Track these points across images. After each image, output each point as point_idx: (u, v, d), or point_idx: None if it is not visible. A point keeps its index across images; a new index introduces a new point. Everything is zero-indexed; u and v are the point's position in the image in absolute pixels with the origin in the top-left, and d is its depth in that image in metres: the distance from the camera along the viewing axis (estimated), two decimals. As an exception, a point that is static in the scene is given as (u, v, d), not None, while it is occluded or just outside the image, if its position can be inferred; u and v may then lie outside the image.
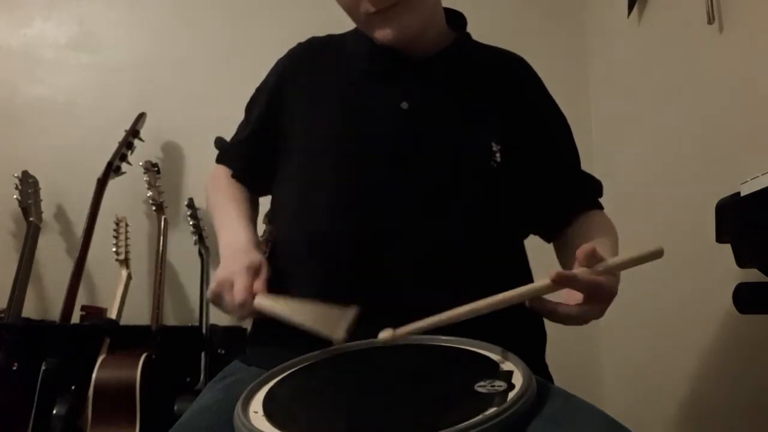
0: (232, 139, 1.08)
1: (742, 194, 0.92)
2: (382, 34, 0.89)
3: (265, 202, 1.08)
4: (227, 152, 1.08)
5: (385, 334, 0.70)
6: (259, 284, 0.80)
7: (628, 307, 1.84)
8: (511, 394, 0.57)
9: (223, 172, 1.06)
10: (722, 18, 1.33)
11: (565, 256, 0.96)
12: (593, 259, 0.69)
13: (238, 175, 1.04)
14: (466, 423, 0.51)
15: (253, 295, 0.79)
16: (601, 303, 0.71)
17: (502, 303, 0.68)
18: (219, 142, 1.09)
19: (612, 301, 0.73)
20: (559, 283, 0.66)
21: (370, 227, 0.86)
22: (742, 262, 0.99)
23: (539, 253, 1.03)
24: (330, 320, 0.72)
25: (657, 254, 0.70)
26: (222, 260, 0.87)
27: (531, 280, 0.96)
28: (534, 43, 1.47)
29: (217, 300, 0.83)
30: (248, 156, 1.03)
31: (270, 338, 0.91)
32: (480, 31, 1.06)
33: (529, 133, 0.95)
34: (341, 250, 0.86)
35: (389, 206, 0.86)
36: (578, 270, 0.69)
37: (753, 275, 1.01)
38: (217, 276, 0.83)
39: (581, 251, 0.69)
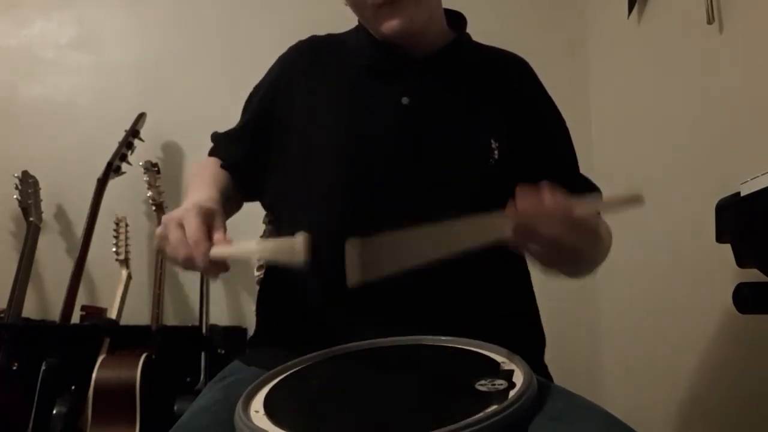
0: (226, 131, 1.06)
1: (742, 194, 0.92)
2: (390, 25, 0.89)
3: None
4: (219, 143, 1.05)
5: (352, 249, 0.64)
6: (217, 234, 0.74)
7: (628, 307, 1.84)
8: (512, 393, 0.57)
9: (213, 162, 1.02)
10: (722, 18, 1.33)
11: None
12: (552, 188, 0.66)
13: (227, 166, 1.01)
14: (466, 421, 0.51)
15: (209, 240, 0.73)
16: (560, 222, 0.67)
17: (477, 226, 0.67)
18: (214, 136, 1.08)
19: (591, 231, 0.70)
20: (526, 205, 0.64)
21: (371, 222, 0.86)
22: (742, 262, 0.99)
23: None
24: (285, 245, 0.67)
25: (636, 199, 0.67)
26: None
27: (529, 278, 0.96)
28: (534, 43, 1.47)
29: (163, 243, 0.76)
30: (240, 149, 1.00)
31: (271, 339, 0.91)
32: (480, 31, 1.06)
33: (528, 132, 0.96)
34: (341, 245, 0.86)
35: (389, 200, 0.87)
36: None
37: (753, 275, 1.01)
38: (163, 217, 0.78)
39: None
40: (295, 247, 0.65)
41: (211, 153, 1.05)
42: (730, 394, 1.34)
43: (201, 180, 0.95)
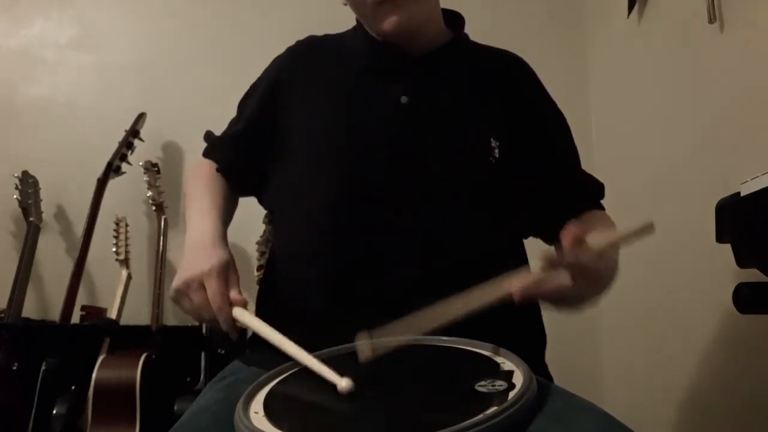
0: (222, 133, 1.06)
1: (742, 194, 0.92)
2: (389, 22, 0.89)
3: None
4: (215, 146, 1.05)
5: (363, 346, 0.66)
6: (235, 294, 0.79)
7: (628, 308, 1.84)
8: (512, 394, 0.57)
9: (208, 165, 1.03)
10: (723, 17, 1.33)
11: None
12: (579, 239, 0.66)
13: (223, 170, 1.02)
14: (466, 422, 0.51)
15: (229, 303, 0.78)
16: (591, 287, 0.70)
17: (485, 296, 0.66)
18: (208, 136, 1.07)
19: (603, 282, 0.71)
20: (546, 265, 0.65)
21: (370, 222, 0.86)
22: (742, 262, 0.99)
23: (538, 249, 1.02)
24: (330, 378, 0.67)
25: (647, 229, 0.68)
26: (186, 255, 0.84)
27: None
28: (534, 43, 1.47)
29: (182, 299, 0.80)
30: (237, 151, 1.01)
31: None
32: (480, 30, 1.06)
33: (528, 131, 0.96)
34: (342, 245, 0.86)
35: (389, 200, 0.87)
36: (560, 255, 0.66)
37: (753, 275, 1.01)
38: (182, 274, 0.80)
39: (567, 233, 0.66)
40: (336, 384, 0.65)
41: (206, 154, 1.05)
42: (730, 394, 1.34)
43: (200, 196, 0.96)
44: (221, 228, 0.90)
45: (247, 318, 0.78)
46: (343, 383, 0.63)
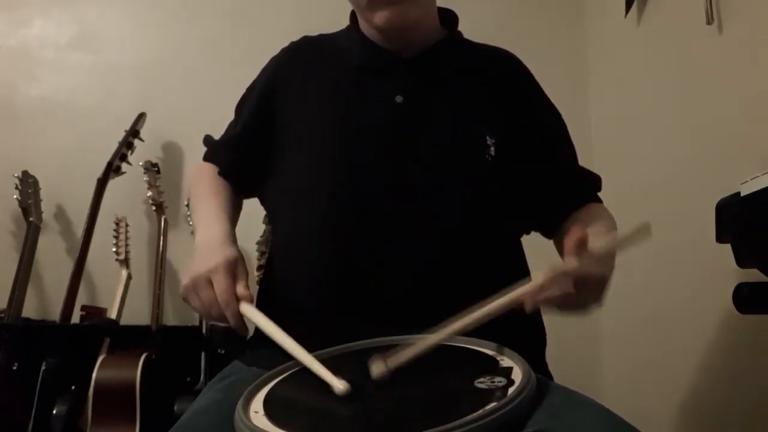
0: (221, 137, 1.07)
1: (742, 194, 0.92)
2: (382, 16, 0.89)
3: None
4: (215, 150, 1.06)
5: (377, 369, 0.65)
6: (242, 289, 0.79)
7: (628, 308, 1.84)
8: (511, 390, 0.57)
9: (209, 168, 1.04)
10: (721, 18, 1.33)
11: (560, 250, 0.97)
12: (582, 246, 0.68)
13: (224, 173, 1.02)
14: (466, 418, 0.52)
15: (237, 298, 0.78)
16: (594, 291, 0.71)
17: (495, 310, 0.67)
18: (207, 140, 1.08)
19: (606, 285, 0.72)
20: (551, 281, 0.66)
21: (368, 221, 0.86)
22: (742, 262, 0.99)
23: (537, 248, 1.03)
24: (327, 378, 0.67)
25: (644, 231, 0.70)
26: (196, 254, 0.85)
27: (527, 274, 0.96)
28: (533, 43, 1.47)
29: (191, 297, 0.80)
30: (237, 154, 1.01)
31: (271, 340, 0.91)
32: (479, 30, 1.06)
33: (524, 128, 0.96)
34: (339, 245, 0.86)
35: (386, 199, 0.87)
36: (564, 265, 0.68)
37: (753, 275, 1.01)
38: (191, 271, 0.80)
39: (570, 240, 0.68)
40: (332, 385, 0.65)
41: (207, 158, 1.06)
42: (730, 393, 1.34)
43: (206, 200, 0.97)
44: (230, 229, 0.91)
45: (254, 314, 0.78)
46: (339, 386, 0.63)
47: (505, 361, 0.65)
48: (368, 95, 0.93)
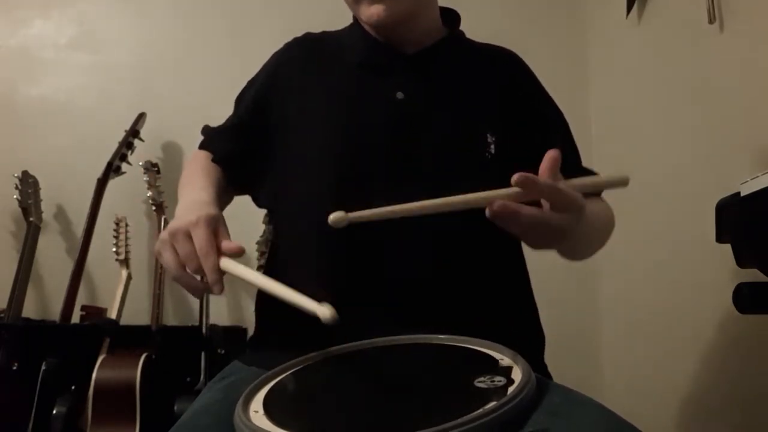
0: (218, 126, 1.06)
1: (742, 194, 0.92)
2: (375, 10, 0.89)
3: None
4: (211, 138, 1.05)
5: (336, 215, 0.65)
6: (228, 243, 0.74)
7: (628, 308, 1.84)
8: (511, 389, 0.57)
9: (204, 155, 1.03)
10: (723, 17, 1.33)
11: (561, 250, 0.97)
12: (555, 165, 0.68)
13: (218, 160, 1.01)
14: (466, 417, 0.52)
15: (218, 252, 0.73)
16: (564, 211, 0.68)
17: (463, 203, 0.68)
18: (205, 129, 1.08)
19: (577, 212, 0.70)
20: (520, 184, 0.65)
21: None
22: (742, 262, 0.99)
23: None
24: (310, 307, 0.66)
25: (622, 182, 0.72)
26: (176, 214, 0.81)
27: (526, 274, 0.96)
28: (534, 43, 1.47)
29: (165, 251, 0.74)
30: (231, 144, 1.00)
31: (271, 339, 0.91)
32: (480, 30, 1.06)
33: (525, 125, 0.96)
34: (340, 242, 0.86)
35: (386, 196, 0.87)
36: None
37: (753, 275, 1.01)
38: (169, 226, 0.76)
39: (545, 160, 0.68)
40: (317, 312, 0.64)
41: (202, 146, 1.05)
42: (729, 393, 1.34)
43: (195, 176, 0.95)
44: (214, 196, 0.87)
45: (234, 267, 0.72)
46: (325, 312, 0.63)
47: (505, 361, 0.65)
48: (369, 92, 0.93)
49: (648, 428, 1.69)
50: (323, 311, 0.63)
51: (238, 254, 0.74)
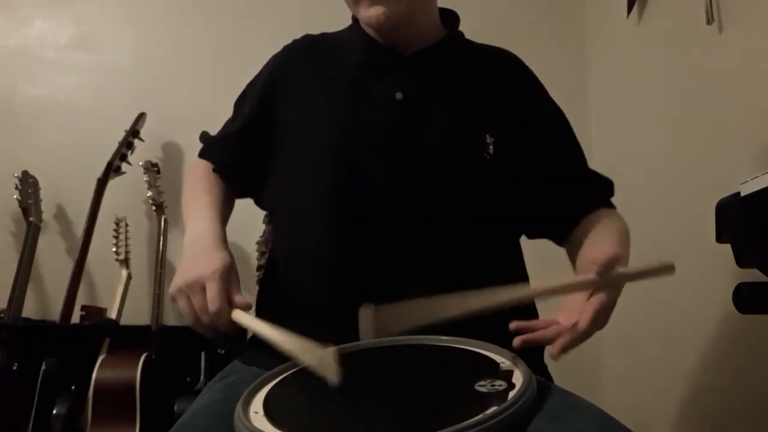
0: (218, 133, 1.06)
1: (742, 194, 0.92)
2: (374, 12, 0.89)
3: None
4: (211, 146, 1.05)
5: (366, 313, 0.66)
6: (238, 297, 0.79)
7: (628, 308, 1.84)
8: (512, 393, 0.57)
9: (204, 165, 1.03)
10: (722, 18, 1.33)
11: (573, 258, 0.96)
12: (611, 266, 0.68)
13: (219, 170, 1.02)
14: (466, 422, 0.51)
15: (229, 305, 0.78)
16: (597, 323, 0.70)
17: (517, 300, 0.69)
18: (203, 137, 1.08)
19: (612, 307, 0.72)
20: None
21: (368, 219, 0.86)
22: (742, 262, 0.99)
23: (537, 251, 1.03)
24: (317, 357, 0.67)
25: (669, 269, 0.74)
26: (185, 256, 0.84)
27: (525, 275, 0.96)
28: (534, 43, 1.47)
29: (181, 300, 0.79)
30: (233, 151, 1.01)
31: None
32: (480, 31, 1.06)
33: (525, 126, 0.96)
34: (340, 244, 0.86)
35: (385, 197, 0.87)
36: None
37: (753, 275, 1.01)
38: (184, 275, 0.79)
39: (602, 255, 0.68)
40: (323, 359, 0.65)
41: (202, 155, 1.06)
42: (730, 394, 1.34)
43: (198, 197, 0.96)
44: (220, 230, 0.90)
45: (247, 319, 0.77)
46: (332, 378, 0.64)
47: (506, 364, 0.65)
48: (368, 92, 0.93)
49: (648, 429, 1.69)
50: (331, 378, 0.64)
51: (247, 309, 0.79)
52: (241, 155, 1.00)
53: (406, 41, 0.95)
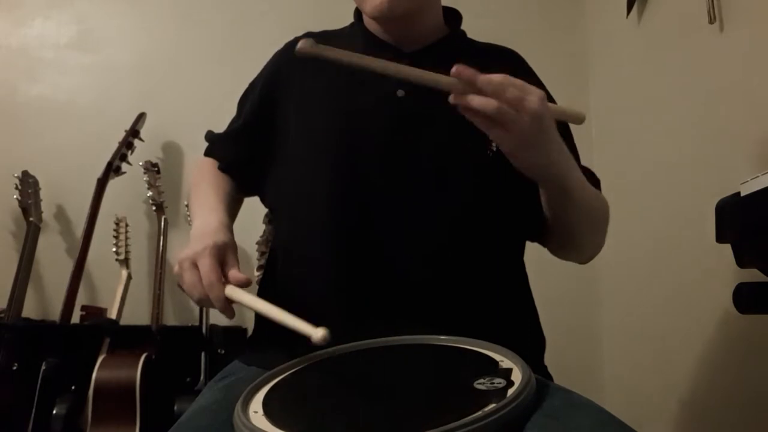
0: (223, 131, 1.06)
1: (742, 194, 0.92)
2: (374, 3, 0.89)
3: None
4: (216, 144, 1.06)
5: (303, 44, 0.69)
6: (235, 273, 0.78)
7: (628, 308, 1.84)
8: (510, 391, 0.57)
9: (210, 163, 1.04)
10: (723, 17, 1.33)
11: (559, 253, 0.98)
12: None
13: (225, 168, 1.02)
14: (465, 419, 0.52)
15: (222, 280, 0.77)
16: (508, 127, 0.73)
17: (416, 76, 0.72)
18: (209, 135, 1.08)
19: (544, 154, 0.75)
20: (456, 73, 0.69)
21: (369, 216, 0.86)
22: (742, 262, 0.99)
23: (537, 250, 1.02)
24: (306, 330, 0.67)
25: (577, 117, 0.76)
26: (189, 242, 0.84)
27: (526, 276, 0.96)
28: (534, 43, 1.47)
29: (179, 280, 0.79)
30: (238, 148, 1.01)
31: (270, 339, 0.91)
32: (480, 30, 1.06)
33: None
34: (341, 242, 0.86)
35: (388, 194, 0.87)
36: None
37: (753, 275, 1.01)
38: (179, 256, 0.80)
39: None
40: (313, 336, 0.65)
41: (208, 153, 1.06)
42: (730, 393, 1.34)
43: (204, 192, 0.96)
44: (225, 219, 0.90)
45: (240, 295, 0.76)
46: (317, 333, 0.64)
47: (505, 363, 0.65)
48: (370, 90, 0.93)
49: (647, 428, 1.69)
50: (315, 333, 0.65)
51: (244, 285, 0.77)
52: (245, 152, 1.00)
53: (408, 38, 0.95)
